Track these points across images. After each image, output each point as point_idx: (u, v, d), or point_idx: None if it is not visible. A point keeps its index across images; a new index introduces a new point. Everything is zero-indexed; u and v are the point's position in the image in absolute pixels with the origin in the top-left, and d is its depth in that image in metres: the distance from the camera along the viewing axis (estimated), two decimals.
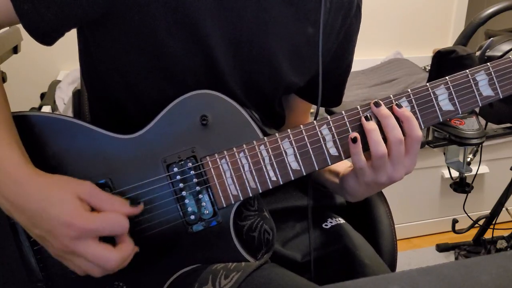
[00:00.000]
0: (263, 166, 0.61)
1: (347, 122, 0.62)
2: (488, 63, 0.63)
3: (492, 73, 0.63)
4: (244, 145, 0.61)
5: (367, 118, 0.61)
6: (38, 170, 0.57)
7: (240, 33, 0.63)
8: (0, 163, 0.55)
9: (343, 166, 0.72)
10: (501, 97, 0.64)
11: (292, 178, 0.62)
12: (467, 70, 0.63)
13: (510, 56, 0.64)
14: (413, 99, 0.62)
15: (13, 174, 0.55)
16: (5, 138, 0.57)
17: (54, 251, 0.56)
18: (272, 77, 0.68)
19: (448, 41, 2.41)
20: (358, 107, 0.62)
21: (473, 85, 0.63)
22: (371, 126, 0.60)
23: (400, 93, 0.63)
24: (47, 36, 0.61)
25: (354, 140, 0.60)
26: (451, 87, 0.63)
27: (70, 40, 0.71)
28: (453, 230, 1.62)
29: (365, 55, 2.32)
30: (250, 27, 0.63)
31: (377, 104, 0.61)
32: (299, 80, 0.72)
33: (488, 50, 1.24)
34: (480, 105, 0.64)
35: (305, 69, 0.72)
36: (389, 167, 0.61)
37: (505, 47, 1.23)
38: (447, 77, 0.63)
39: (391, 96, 0.62)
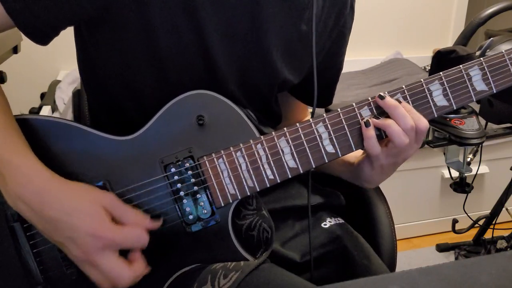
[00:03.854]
0: (260, 165, 0.61)
1: (343, 120, 0.62)
2: (481, 58, 0.63)
3: (486, 67, 0.64)
4: (241, 144, 0.61)
5: (366, 124, 0.61)
6: (57, 176, 0.57)
7: (234, 29, 0.63)
8: (18, 169, 0.55)
9: (354, 156, 0.72)
10: (494, 91, 0.64)
11: (289, 176, 0.62)
12: (460, 66, 0.63)
13: (503, 51, 0.64)
14: (407, 95, 0.63)
15: (33, 180, 0.55)
16: (17, 144, 0.57)
17: (71, 256, 0.56)
18: (267, 73, 0.68)
19: (448, 41, 2.41)
20: (354, 104, 0.63)
21: (466, 80, 0.64)
22: (370, 133, 0.61)
23: (395, 89, 0.63)
24: (42, 35, 0.60)
25: (367, 123, 0.61)
26: (445, 82, 0.63)
27: (70, 40, 0.71)
28: (453, 230, 1.62)
29: (365, 55, 2.32)
30: (244, 23, 0.63)
31: (381, 97, 0.62)
32: (293, 77, 0.72)
33: (488, 50, 1.24)
34: (474, 100, 0.65)
35: (298, 66, 0.72)
36: (403, 153, 0.62)
37: (505, 47, 1.23)
38: (441, 73, 0.63)
39: (386, 92, 0.63)
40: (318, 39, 0.72)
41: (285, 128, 0.62)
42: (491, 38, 1.26)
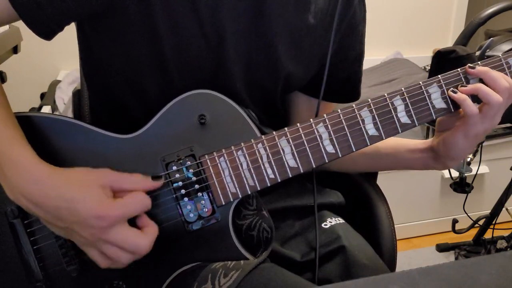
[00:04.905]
0: (261, 164, 0.62)
1: (343, 120, 0.62)
2: (479, 61, 0.64)
3: None
4: (242, 144, 0.62)
5: (454, 91, 0.63)
6: (53, 166, 0.57)
7: (236, 23, 0.63)
8: (16, 161, 0.55)
9: (416, 141, 0.73)
10: None
11: (290, 176, 0.62)
12: (458, 69, 0.64)
13: (500, 55, 0.64)
14: (406, 97, 0.63)
15: (30, 172, 0.55)
16: (15, 137, 0.57)
17: (81, 240, 0.57)
18: (271, 67, 0.68)
19: (448, 41, 2.40)
20: (354, 105, 0.63)
21: (465, 83, 0.64)
22: (463, 96, 0.62)
23: (394, 91, 0.63)
24: (46, 29, 0.60)
25: (454, 91, 0.63)
26: (443, 85, 0.64)
27: (70, 40, 0.71)
28: (453, 230, 1.62)
29: (365, 55, 2.32)
30: (246, 18, 0.63)
31: (471, 67, 0.63)
32: (299, 71, 0.72)
33: (488, 50, 1.24)
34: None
35: (305, 59, 0.71)
36: (497, 114, 0.63)
37: (505, 47, 1.23)
38: (439, 76, 0.64)
39: (385, 94, 0.63)
40: (325, 32, 0.71)
41: (285, 128, 0.62)
42: (491, 38, 1.26)
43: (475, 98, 0.63)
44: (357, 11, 0.73)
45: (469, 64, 0.63)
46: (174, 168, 0.62)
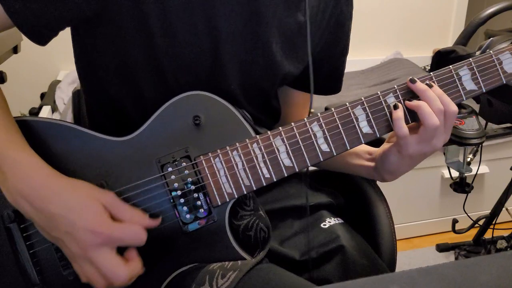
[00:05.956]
0: (256, 164, 0.61)
1: (337, 119, 0.62)
2: (470, 59, 0.64)
3: (474, 68, 0.64)
4: (237, 144, 0.61)
5: (395, 107, 0.62)
6: (57, 172, 0.56)
7: (231, 24, 0.63)
8: (18, 165, 0.55)
9: (367, 150, 0.73)
10: (484, 91, 0.65)
11: (285, 175, 0.62)
12: (450, 66, 0.64)
13: (491, 52, 0.64)
14: (399, 95, 0.63)
15: (33, 176, 0.55)
16: (16, 141, 0.57)
17: (68, 252, 0.56)
18: (268, 67, 0.68)
19: (448, 41, 2.40)
20: (347, 103, 0.63)
21: (456, 80, 0.64)
22: (398, 114, 0.61)
23: (387, 89, 0.63)
24: (41, 35, 0.61)
25: (396, 106, 0.62)
26: (435, 82, 0.63)
27: (70, 40, 0.71)
28: (453, 230, 1.61)
29: (365, 55, 2.32)
30: (241, 18, 0.63)
31: (412, 81, 0.62)
32: (294, 69, 0.72)
33: (488, 50, 1.24)
34: (465, 99, 0.65)
35: (298, 57, 0.72)
36: (433, 139, 0.61)
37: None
38: (431, 73, 0.64)
39: (378, 92, 0.63)
40: (317, 29, 0.71)
41: (280, 128, 0.62)
42: (491, 38, 1.25)
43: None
44: (344, 9, 0.74)
45: (410, 77, 0.62)
46: (170, 169, 0.62)
